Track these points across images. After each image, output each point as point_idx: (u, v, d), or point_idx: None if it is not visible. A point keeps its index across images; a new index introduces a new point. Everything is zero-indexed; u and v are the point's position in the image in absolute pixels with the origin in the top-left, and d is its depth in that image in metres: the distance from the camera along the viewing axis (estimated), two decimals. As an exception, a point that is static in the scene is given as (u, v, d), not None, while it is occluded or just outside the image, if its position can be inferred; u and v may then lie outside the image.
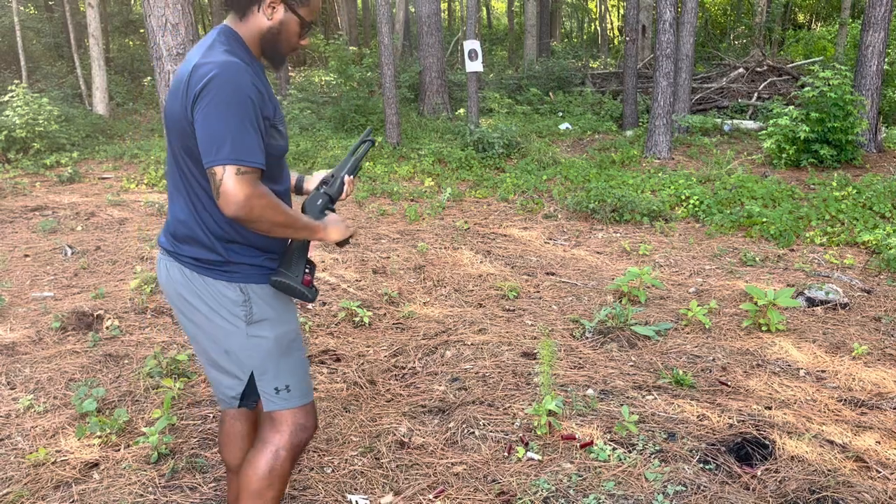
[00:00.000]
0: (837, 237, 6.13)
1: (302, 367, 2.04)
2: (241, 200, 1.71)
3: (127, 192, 8.81)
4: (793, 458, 2.84)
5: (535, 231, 6.80)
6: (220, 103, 1.69)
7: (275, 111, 1.86)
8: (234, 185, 1.70)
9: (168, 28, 5.66)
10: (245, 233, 1.89)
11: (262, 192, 1.76)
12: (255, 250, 1.93)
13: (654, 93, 9.88)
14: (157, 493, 2.70)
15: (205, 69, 1.73)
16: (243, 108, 1.72)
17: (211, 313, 1.91)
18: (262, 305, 1.94)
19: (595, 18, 31.90)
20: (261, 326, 1.93)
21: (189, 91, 1.75)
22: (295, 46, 1.95)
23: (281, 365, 1.98)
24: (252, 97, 1.74)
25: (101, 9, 16.29)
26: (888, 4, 8.93)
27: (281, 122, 1.90)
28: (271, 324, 1.95)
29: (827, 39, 17.98)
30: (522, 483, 2.72)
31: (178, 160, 1.87)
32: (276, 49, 1.92)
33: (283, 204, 1.83)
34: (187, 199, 1.88)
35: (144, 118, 14.96)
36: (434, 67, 13.88)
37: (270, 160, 1.87)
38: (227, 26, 1.89)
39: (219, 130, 1.69)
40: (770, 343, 4.03)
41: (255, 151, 1.74)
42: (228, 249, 1.89)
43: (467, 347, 4.00)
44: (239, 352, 1.94)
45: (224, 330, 1.92)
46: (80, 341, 4.12)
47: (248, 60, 1.84)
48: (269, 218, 1.78)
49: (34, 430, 3.14)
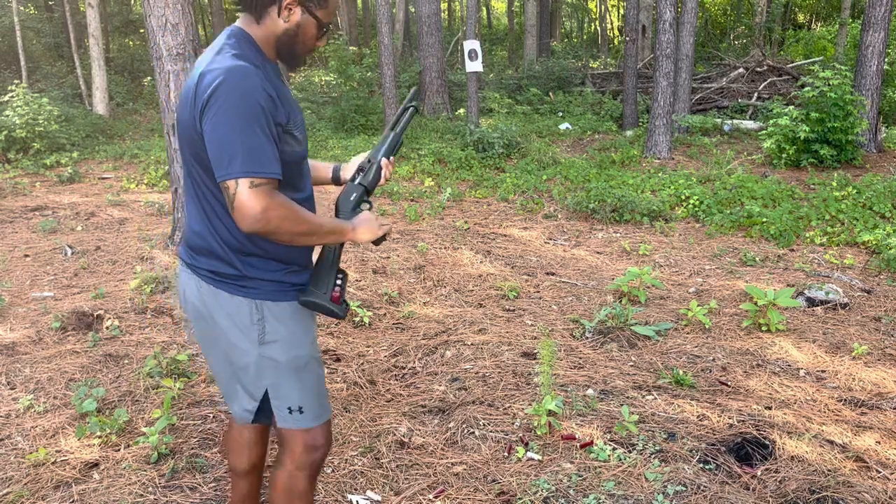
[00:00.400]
0: (837, 237, 6.13)
1: (317, 388, 1.96)
2: (257, 214, 1.64)
3: (127, 192, 8.81)
4: (793, 458, 2.84)
5: (535, 231, 6.80)
6: (228, 111, 1.63)
7: (289, 116, 1.78)
8: (248, 199, 1.63)
9: (168, 28, 5.66)
10: (263, 244, 1.81)
11: (280, 202, 1.68)
12: (274, 262, 1.85)
13: (654, 93, 9.88)
14: (157, 493, 2.70)
15: (211, 76, 1.67)
16: (253, 115, 1.65)
17: (226, 329, 1.85)
18: (275, 325, 1.86)
19: (595, 18, 31.91)
20: (272, 347, 1.86)
21: (197, 100, 1.69)
22: (311, 48, 1.89)
23: (294, 386, 1.91)
24: (262, 103, 1.66)
25: (101, 9, 16.29)
26: (888, 4, 8.93)
27: (298, 127, 1.82)
28: (284, 345, 1.87)
29: (827, 39, 17.99)
30: (522, 483, 2.72)
31: (191, 169, 1.81)
32: (293, 51, 1.85)
33: (303, 211, 1.75)
34: (201, 209, 1.82)
35: (144, 118, 14.96)
36: (434, 67, 13.88)
37: (288, 167, 1.79)
38: (237, 28, 1.83)
39: (229, 141, 1.63)
40: (770, 343, 4.03)
41: (269, 161, 1.66)
42: (245, 262, 1.82)
43: (467, 347, 4.00)
44: (252, 370, 1.88)
45: (238, 348, 1.86)
46: (80, 341, 4.12)
47: (260, 63, 1.77)
48: (289, 229, 1.70)
49: (34, 430, 3.14)
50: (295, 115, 1.82)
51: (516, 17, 28.14)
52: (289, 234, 1.71)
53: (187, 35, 5.74)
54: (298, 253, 1.89)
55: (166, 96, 5.80)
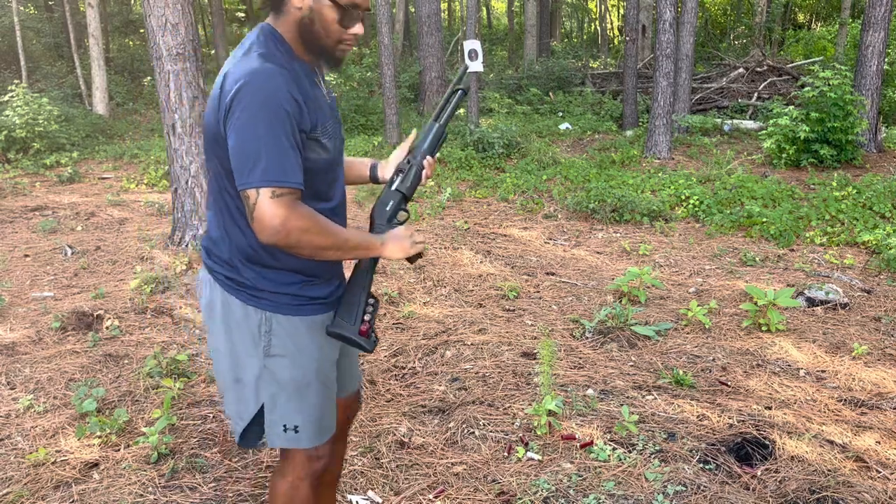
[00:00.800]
0: (837, 237, 6.13)
1: (318, 411, 1.85)
2: (276, 226, 1.55)
3: (127, 192, 8.81)
4: (793, 458, 2.84)
5: (535, 231, 6.80)
6: (251, 116, 1.55)
7: (316, 122, 1.67)
8: (269, 210, 1.54)
9: (168, 28, 5.66)
10: (282, 256, 1.72)
11: (302, 213, 1.59)
12: (292, 274, 1.76)
13: (654, 93, 9.88)
14: (157, 493, 2.70)
15: (233, 78, 1.59)
16: (277, 120, 1.56)
17: (234, 336, 1.77)
18: (283, 339, 1.76)
19: (595, 18, 31.91)
20: (277, 361, 1.77)
21: (221, 103, 1.62)
22: (338, 37, 1.69)
23: (292, 404, 1.81)
24: (287, 108, 1.57)
25: (101, 9, 16.29)
26: (888, 4, 8.93)
27: (326, 134, 1.70)
28: (289, 361, 1.78)
29: (827, 39, 17.98)
30: (522, 483, 2.72)
31: (214, 173, 1.74)
32: (316, 42, 1.69)
33: (327, 224, 1.65)
34: (218, 213, 1.76)
35: (144, 118, 14.96)
36: (434, 67, 13.89)
37: (314, 175, 1.69)
38: (266, 24, 1.73)
39: (251, 148, 1.55)
40: (770, 343, 4.03)
41: (292, 170, 1.58)
42: (259, 274, 1.74)
43: (467, 347, 4.00)
44: (253, 382, 1.79)
45: (241, 357, 1.78)
46: (80, 341, 4.12)
47: (287, 63, 1.66)
48: (311, 242, 1.61)
49: (34, 430, 3.14)
50: (324, 120, 1.71)
51: (516, 17, 28.14)
52: (310, 247, 1.62)
53: (187, 35, 5.74)
54: (320, 265, 1.78)
55: (166, 96, 5.80)
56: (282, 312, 1.75)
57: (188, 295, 4.92)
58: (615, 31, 30.40)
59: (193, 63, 5.79)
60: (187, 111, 5.80)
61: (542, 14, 19.81)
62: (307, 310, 1.80)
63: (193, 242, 5.94)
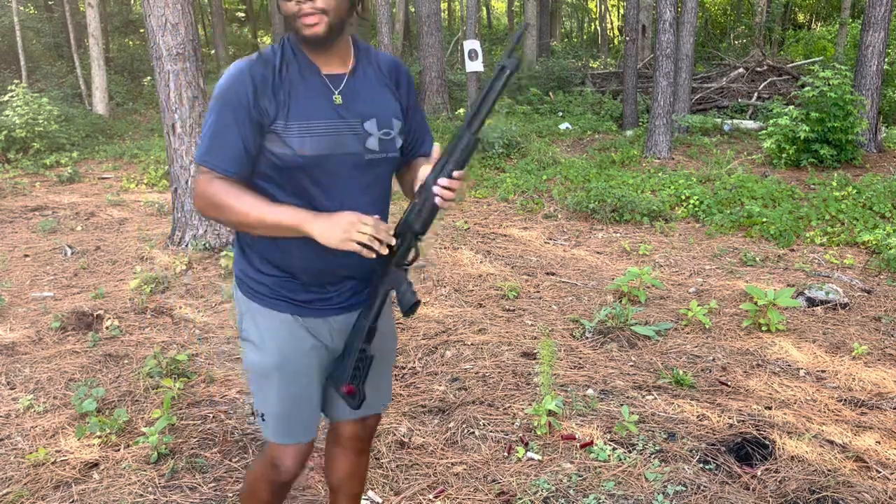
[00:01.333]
0: (837, 237, 6.13)
1: (277, 406, 1.83)
2: (195, 199, 1.70)
3: (127, 192, 8.81)
4: (793, 458, 2.84)
5: (535, 231, 6.80)
6: (210, 107, 1.70)
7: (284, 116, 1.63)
8: (195, 184, 1.71)
9: (168, 28, 5.66)
10: (256, 244, 1.78)
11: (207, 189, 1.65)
12: (266, 265, 1.79)
13: (654, 93, 9.88)
14: (157, 493, 2.70)
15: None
16: (227, 106, 1.64)
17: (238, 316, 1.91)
18: (251, 325, 1.83)
19: (595, 18, 31.91)
20: (246, 345, 1.86)
21: None
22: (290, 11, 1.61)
23: (256, 390, 1.88)
24: (236, 98, 1.63)
25: (101, 9, 16.28)
26: (888, 4, 8.93)
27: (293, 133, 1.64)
28: (252, 347, 1.83)
29: (827, 39, 17.98)
30: (522, 483, 2.72)
31: None
32: (288, 25, 1.66)
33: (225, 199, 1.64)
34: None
35: (144, 118, 14.96)
36: (434, 67, 13.89)
37: (282, 172, 1.67)
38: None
39: (203, 132, 1.70)
40: (770, 343, 4.03)
41: (220, 153, 1.65)
42: (247, 262, 1.82)
43: (467, 347, 4.00)
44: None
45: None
46: (79, 341, 4.12)
47: (274, 58, 1.67)
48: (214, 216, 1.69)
49: (34, 430, 3.14)
50: (306, 116, 1.64)
51: (516, 17, 28.14)
52: (217, 220, 1.71)
53: (187, 35, 5.73)
54: (299, 265, 1.75)
55: (166, 96, 5.80)
56: (256, 301, 1.81)
57: (188, 295, 4.92)
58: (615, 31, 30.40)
59: (193, 63, 5.78)
60: (187, 111, 5.80)
61: (542, 14, 19.82)
62: (283, 306, 1.78)
63: (193, 242, 5.94)
